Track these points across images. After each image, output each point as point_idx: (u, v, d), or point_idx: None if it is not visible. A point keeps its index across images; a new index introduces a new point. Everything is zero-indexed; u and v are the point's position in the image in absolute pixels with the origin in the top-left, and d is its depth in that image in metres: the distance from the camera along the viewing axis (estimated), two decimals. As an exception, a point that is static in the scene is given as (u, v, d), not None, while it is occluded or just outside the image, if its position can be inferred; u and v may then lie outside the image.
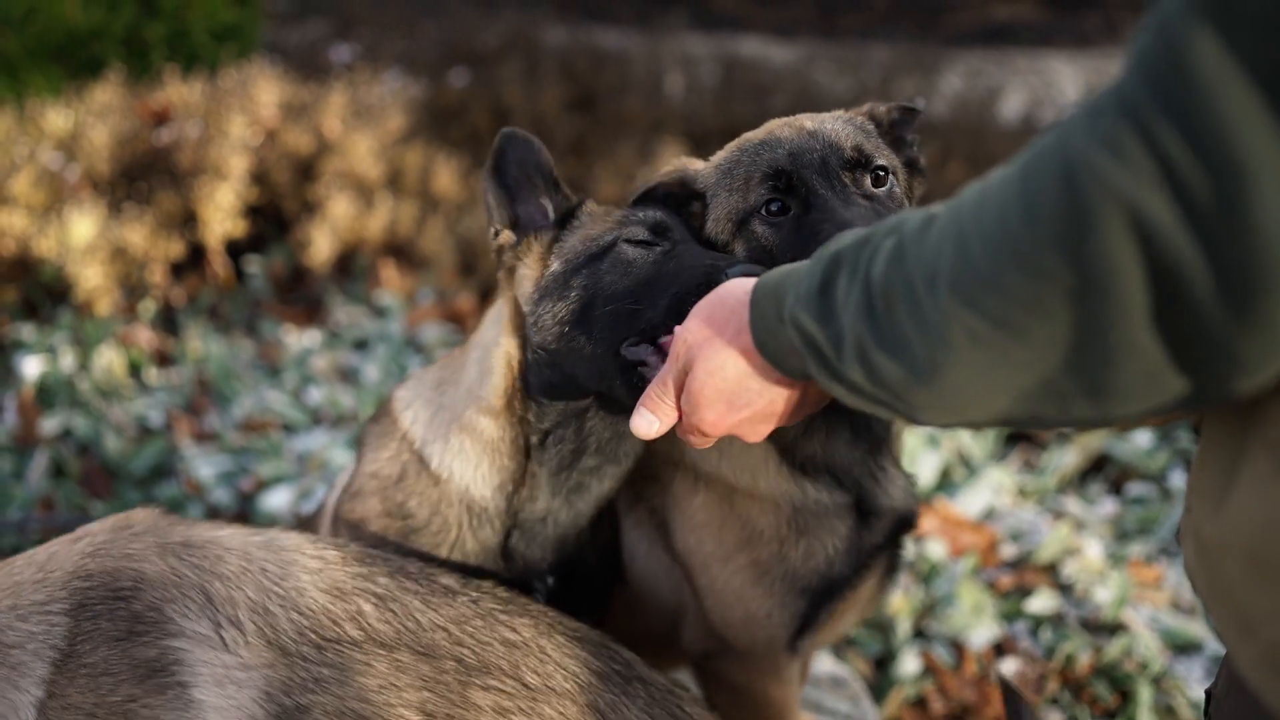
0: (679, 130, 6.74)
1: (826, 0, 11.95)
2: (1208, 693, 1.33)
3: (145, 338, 4.65)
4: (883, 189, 1.74)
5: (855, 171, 1.73)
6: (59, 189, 5.01)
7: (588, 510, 1.93)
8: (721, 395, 1.45)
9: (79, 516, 3.48)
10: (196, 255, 5.26)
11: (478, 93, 7.14)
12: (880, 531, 1.91)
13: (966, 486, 3.64)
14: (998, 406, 1.06)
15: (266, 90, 5.62)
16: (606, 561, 2.04)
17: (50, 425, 3.95)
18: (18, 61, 6.13)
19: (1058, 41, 10.68)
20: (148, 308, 4.86)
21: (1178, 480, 3.82)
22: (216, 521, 1.89)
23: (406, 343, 4.71)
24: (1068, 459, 3.86)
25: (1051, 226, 0.92)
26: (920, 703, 2.96)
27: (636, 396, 1.63)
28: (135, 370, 4.48)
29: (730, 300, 1.44)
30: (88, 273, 4.65)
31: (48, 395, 4.18)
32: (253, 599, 1.68)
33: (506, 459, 1.88)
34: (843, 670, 2.87)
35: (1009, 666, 3.03)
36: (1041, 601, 3.21)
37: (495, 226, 1.92)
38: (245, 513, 3.62)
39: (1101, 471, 3.96)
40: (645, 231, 1.79)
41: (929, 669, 3.01)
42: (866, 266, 1.13)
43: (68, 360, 4.35)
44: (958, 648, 3.08)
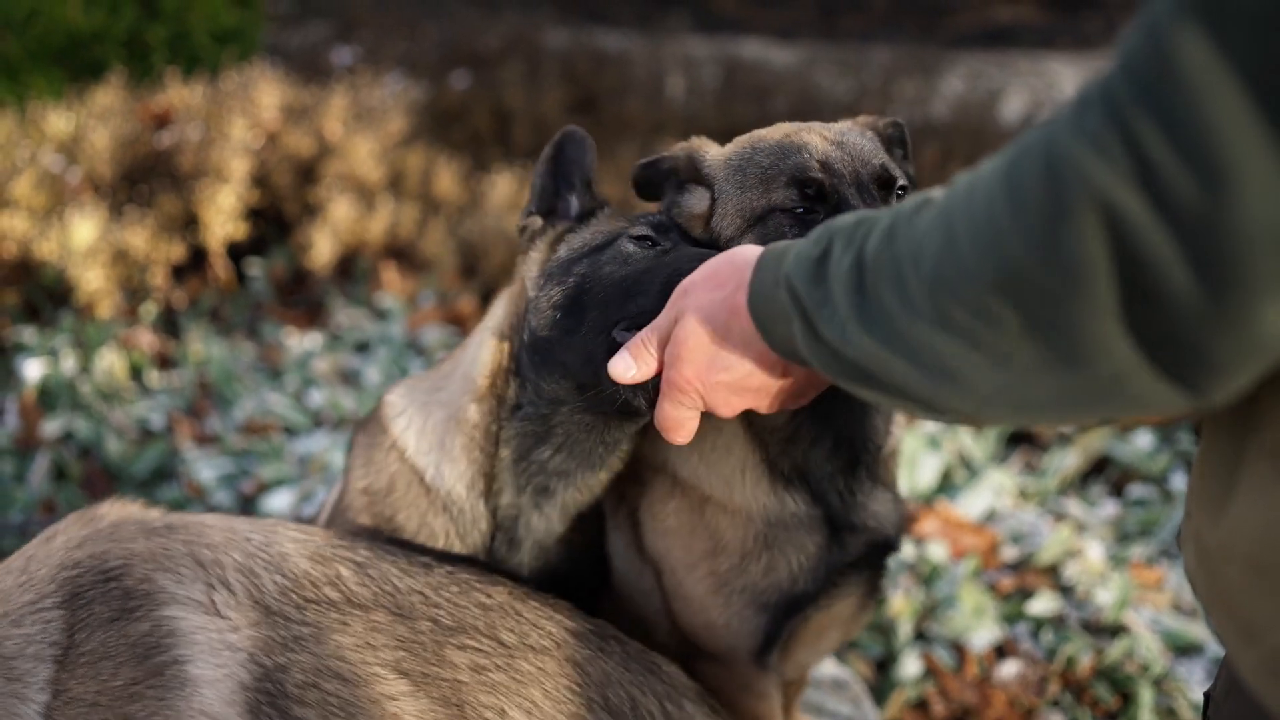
0: (680, 132, 6.73)
1: (827, 2, 11.96)
2: (1207, 695, 1.32)
3: (146, 340, 4.66)
4: None
5: (884, 190, 1.73)
6: (60, 192, 5.01)
7: (558, 517, 1.92)
8: (703, 350, 1.44)
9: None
10: (198, 258, 5.27)
11: (479, 95, 7.15)
12: (853, 550, 1.89)
13: (967, 488, 3.64)
14: (971, 398, 1.06)
15: (268, 93, 5.62)
16: (593, 567, 2.04)
17: (51, 428, 3.95)
18: (19, 64, 6.14)
19: (1059, 43, 10.69)
20: (149, 310, 4.86)
21: (1179, 482, 3.82)
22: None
23: (408, 345, 4.72)
24: (1069, 461, 3.86)
25: (1032, 218, 0.92)
26: (921, 705, 2.96)
27: (620, 398, 1.63)
28: (136, 373, 4.48)
29: (738, 259, 1.43)
30: (89, 275, 4.65)
31: (49, 398, 4.19)
32: (239, 562, 1.69)
33: (477, 450, 1.89)
34: (844, 672, 2.87)
35: (1010, 668, 3.03)
36: (1043, 603, 3.21)
37: (530, 207, 1.97)
38: (247, 515, 3.62)
39: (1103, 473, 3.96)
40: (649, 229, 1.81)
41: (930, 671, 3.01)
42: (861, 241, 1.14)
43: (69, 363, 4.35)
44: (959, 650, 3.08)
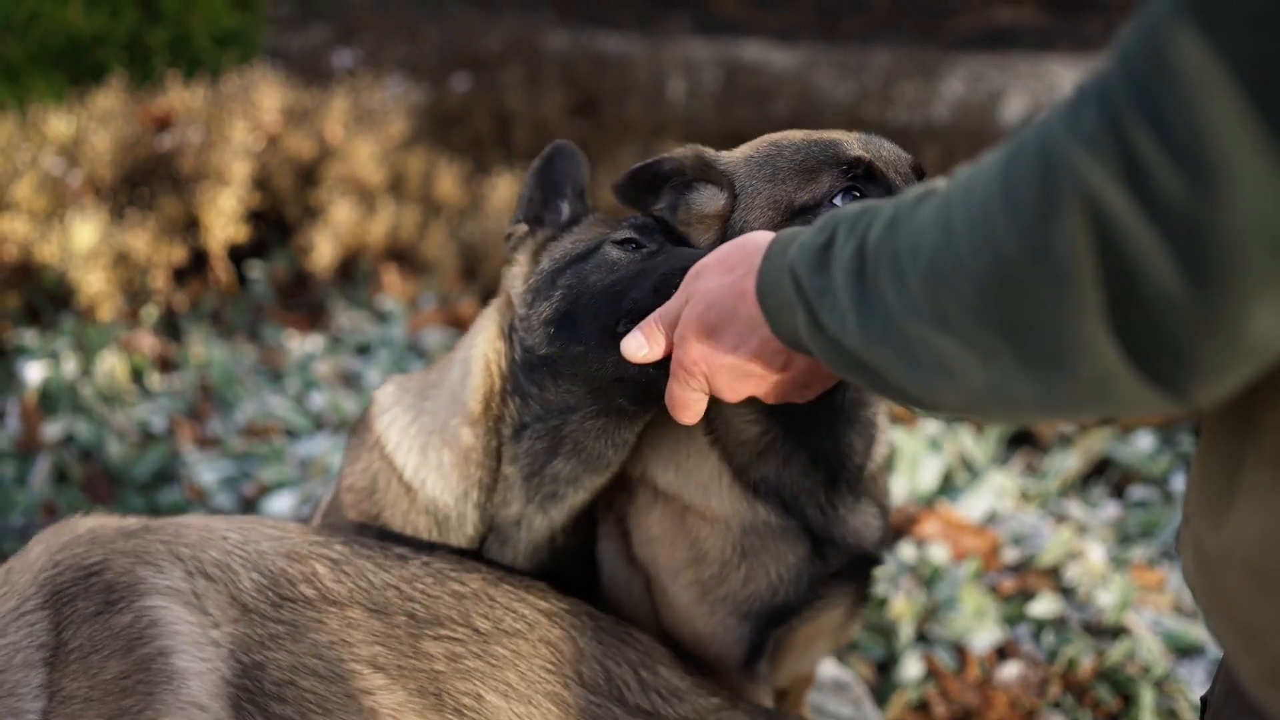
0: (680, 135, 6.75)
1: (827, 4, 11.97)
2: (1203, 699, 1.32)
3: (147, 343, 4.66)
4: None
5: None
6: (61, 194, 5.02)
7: (562, 518, 1.92)
8: (709, 330, 1.45)
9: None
10: (199, 260, 5.27)
11: (479, 98, 7.16)
12: (836, 563, 1.89)
13: (968, 490, 3.64)
14: (963, 394, 1.06)
15: (268, 95, 5.63)
16: (581, 569, 2.04)
17: (52, 431, 3.95)
18: (20, 67, 6.14)
19: (1059, 45, 10.69)
20: (150, 313, 4.87)
21: (1180, 484, 3.82)
22: None
23: (409, 348, 4.72)
24: (1070, 462, 3.86)
25: (1026, 214, 0.91)
26: (922, 706, 2.96)
27: (646, 379, 1.65)
28: (137, 376, 4.48)
29: (750, 245, 1.43)
30: (90, 278, 4.66)
31: (50, 401, 4.19)
32: (217, 559, 1.71)
33: (475, 467, 1.88)
34: (845, 674, 2.87)
35: (1011, 670, 3.03)
36: (1044, 605, 3.21)
37: (517, 215, 1.96)
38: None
39: (1103, 475, 3.96)
40: (632, 232, 1.79)
41: (931, 672, 3.01)
42: (864, 230, 1.13)
43: (70, 366, 4.35)
44: (960, 651, 3.08)
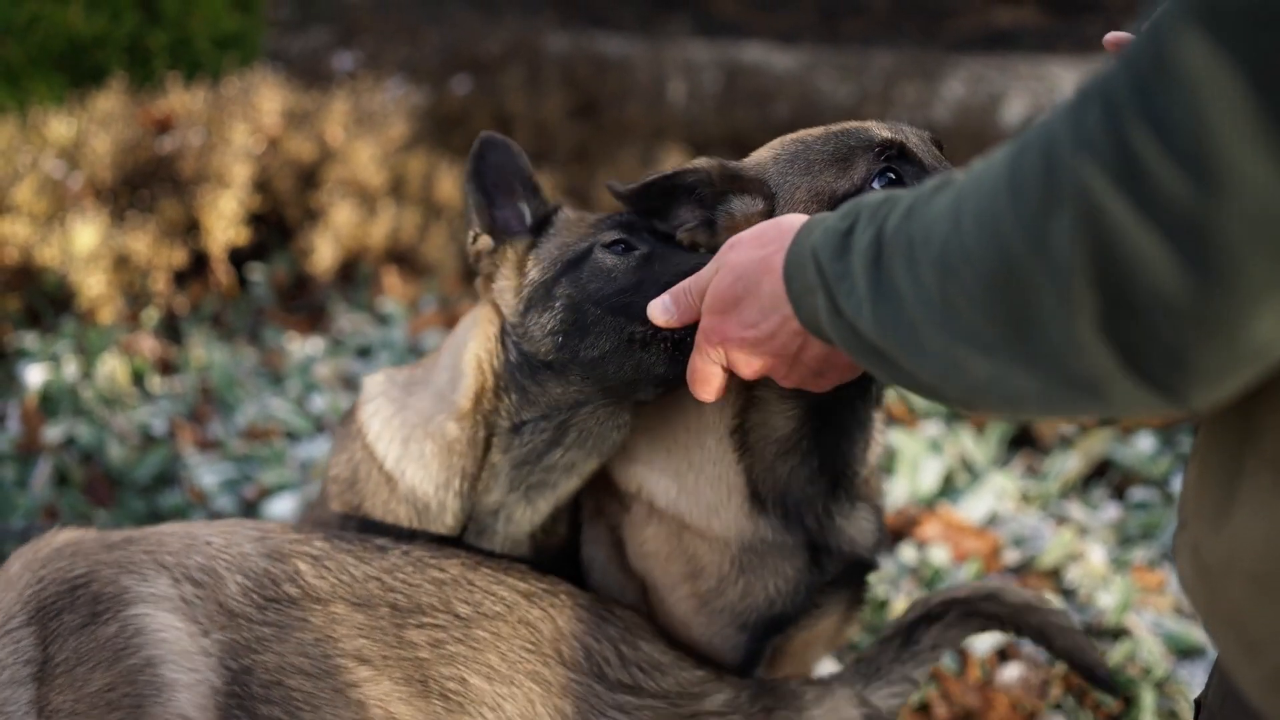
0: (681, 137, 6.75)
1: (828, 6, 11.97)
2: (1197, 702, 1.32)
3: (148, 346, 4.66)
4: None
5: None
6: (62, 197, 5.02)
7: (546, 509, 1.91)
8: (734, 301, 1.46)
9: (82, 526, 3.48)
10: (199, 263, 5.27)
11: (480, 100, 7.15)
12: (832, 571, 1.89)
13: (969, 492, 3.64)
14: (967, 388, 1.06)
15: (269, 98, 5.63)
16: (560, 568, 2.03)
17: (53, 433, 3.96)
18: (20, 69, 6.14)
19: (1060, 47, 10.68)
20: (151, 316, 4.87)
21: (1180, 485, 3.81)
22: None
23: (409, 350, 4.72)
24: (1070, 464, 3.85)
25: (1029, 210, 0.91)
26: (924, 708, 2.96)
27: (674, 359, 1.67)
28: (138, 378, 4.48)
29: (784, 225, 1.44)
30: (90, 281, 4.66)
31: (51, 403, 4.19)
32: (202, 564, 1.71)
33: (458, 457, 1.88)
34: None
35: (1012, 672, 3.02)
36: (1045, 607, 3.20)
37: (474, 231, 1.91)
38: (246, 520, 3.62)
39: (1104, 476, 3.96)
40: (619, 232, 1.79)
41: (932, 674, 3.00)
42: (884, 218, 1.14)
43: (71, 368, 4.35)
44: (961, 653, 3.08)
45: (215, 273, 5.20)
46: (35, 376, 4.26)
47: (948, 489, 3.73)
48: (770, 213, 1.70)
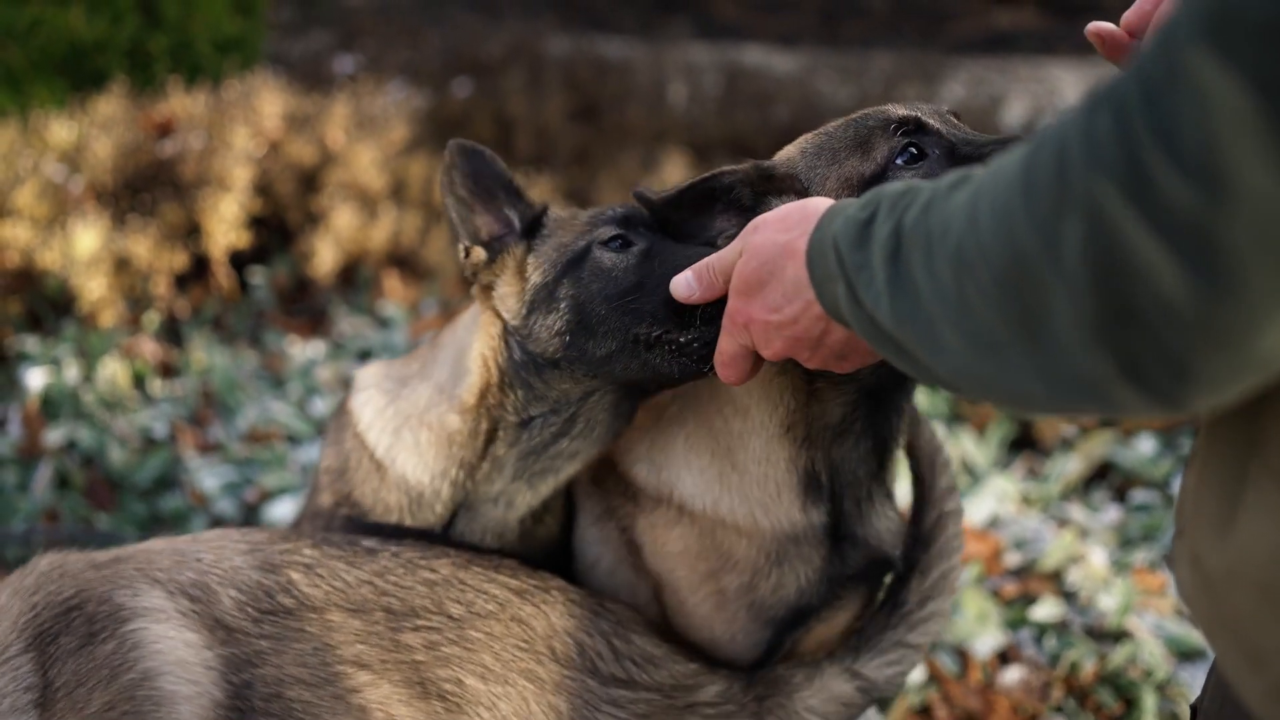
0: (682, 140, 6.74)
1: (828, 8, 11.98)
2: (1193, 708, 1.31)
3: (149, 349, 4.66)
4: None
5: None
6: (63, 201, 5.02)
7: (547, 492, 1.93)
8: (758, 285, 1.47)
9: (83, 529, 3.48)
10: (200, 266, 5.27)
11: (481, 103, 7.15)
12: (853, 564, 1.89)
13: (970, 494, 3.64)
14: (978, 382, 1.06)
15: (270, 101, 5.63)
16: (552, 561, 2.04)
17: (54, 437, 3.96)
18: (21, 73, 6.15)
19: (1060, 49, 10.68)
20: (152, 319, 4.87)
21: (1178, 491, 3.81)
22: None
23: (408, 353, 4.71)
24: (1071, 466, 3.85)
25: (1040, 212, 0.91)
26: (925, 711, 2.95)
27: (678, 361, 1.68)
28: (139, 382, 4.49)
29: (809, 208, 1.44)
30: (91, 284, 4.66)
31: (52, 407, 4.19)
32: (194, 579, 1.71)
33: (458, 448, 1.89)
34: (847, 679, 2.87)
35: (1013, 674, 3.02)
36: (1046, 609, 3.20)
37: (463, 244, 1.88)
38: (250, 524, 3.63)
39: (1105, 479, 3.96)
40: (615, 228, 1.79)
41: (933, 677, 3.00)
42: (903, 210, 1.14)
43: (72, 372, 4.36)
44: (962, 656, 3.08)
45: (216, 276, 5.20)
46: (36, 380, 4.27)
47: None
48: None
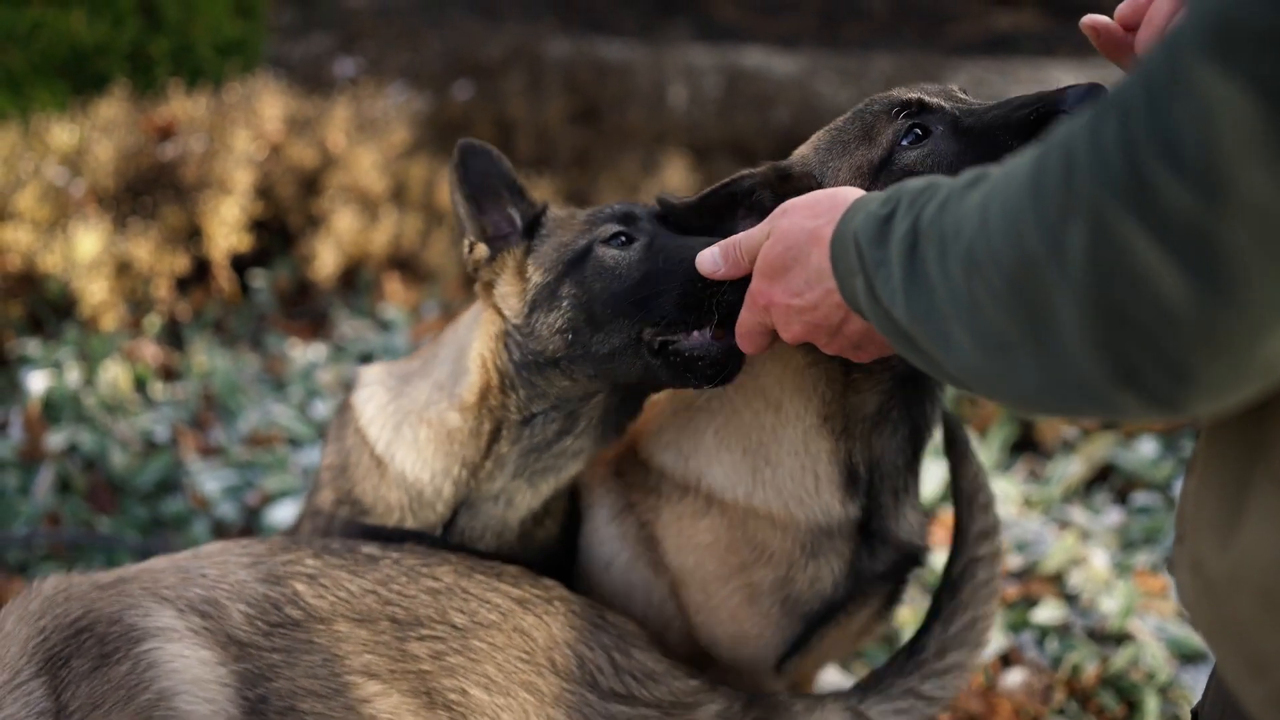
0: (682, 142, 6.74)
1: (829, 10, 11.98)
2: (1194, 713, 1.32)
3: (150, 352, 4.66)
4: None
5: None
6: (64, 204, 5.02)
7: (548, 492, 1.94)
8: (782, 268, 1.48)
9: (85, 532, 3.49)
10: (201, 270, 5.27)
11: (481, 105, 7.16)
12: (883, 561, 1.90)
13: (971, 497, 3.63)
14: (985, 380, 1.07)
15: (271, 104, 5.63)
16: (552, 563, 2.04)
17: (56, 440, 3.96)
18: (23, 77, 6.15)
19: (1060, 51, 10.68)
20: (153, 322, 4.87)
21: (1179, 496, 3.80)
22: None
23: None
24: (1073, 469, 3.85)
25: (1048, 213, 0.92)
26: (927, 714, 2.95)
27: (680, 370, 1.70)
28: (141, 385, 4.49)
29: (839, 198, 1.45)
30: (93, 288, 4.66)
31: (53, 410, 4.19)
32: (202, 595, 1.71)
33: (459, 445, 1.90)
34: (849, 681, 2.86)
35: (1015, 677, 3.02)
36: (1047, 612, 3.20)
37: (468, 240, 1.93)
38: (251, 527, 3.63)
39: (1107, 481, 3.96)
40: (616, 225, 1.81)
41: (935, 680, 3.00)
42: (921, 208, 1.15)
43: (73, 375, 4.36)
44: (964, 659, 3.08)
45: (217, 279, 5.20)
46: (38, 383, 4.27)
47: (950, 494, 3.72)
48: None
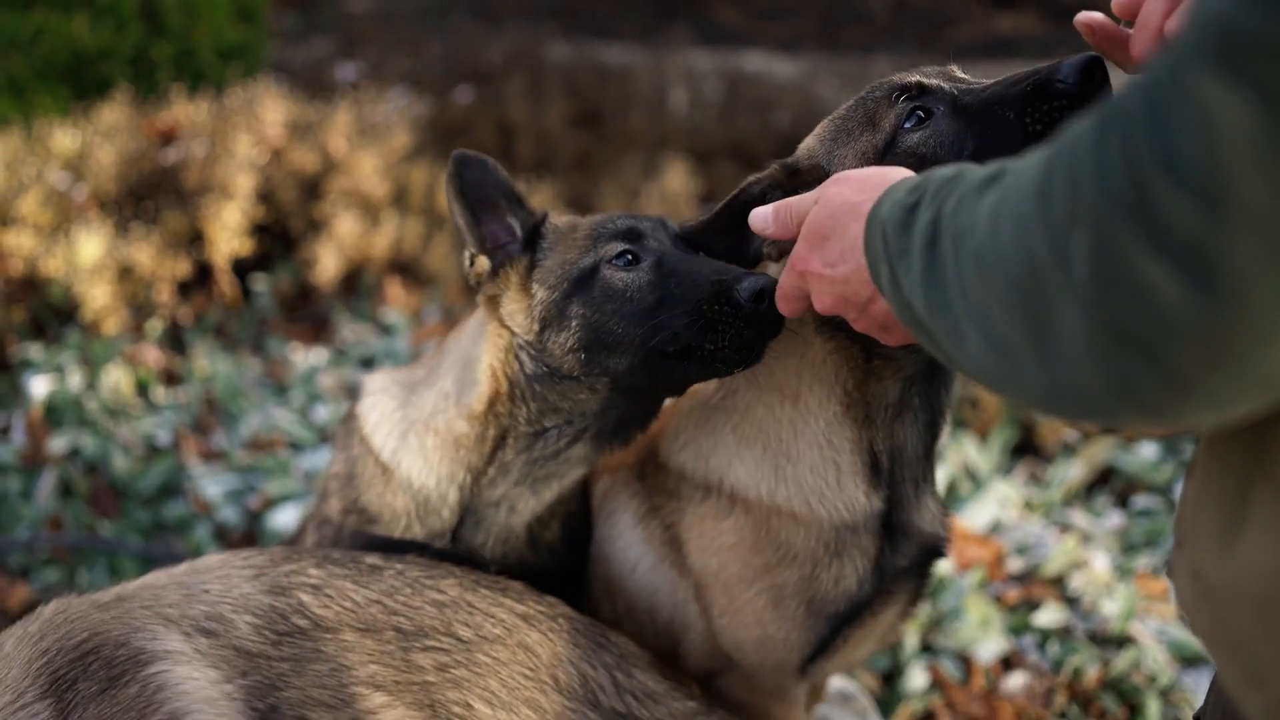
0: (683, 145, 6.75)
1: (829, 14, 11.99)
2: (1196, 716, 1.31)
3: (152, 356, 4.67)
4: None
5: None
6: (66, 209, 5.03)
7: (550, 497, 1.94)
8: (822, 237, 1.49)
9: (87, 536, 3.49)
10: (203, 274, 5.28)
11: (482, 110, 7.17)
12: (906, 555, 1.89)
13: (973, 500, 3.64)
14: (993, 376, 1.07)
15: (272, 109, 5.64)
16: (562, 568, 2.04)
17: (58, 444, 3.96)
18: (25, 82, 6.16)
19: (1060, 54, 10.68)
20: (155, 327, 4.88)
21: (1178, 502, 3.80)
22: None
23: (412, 360, 4.72)
24: (1074, 472, 3.85)
25: (1054, 219, 0.92)
26: (928, 717, 2.95)
27: (710, 367, 1.71)
28: (143, 389, 4.49)
29: (888, 176, 1.46)
30: (95, 292, 4.67)
31: (56, 414, 4.20)
32: (207, 611, 1.71)
33: (465, 451, 1.90)
34: (850, 685, 2.87)
35: (1017, 680, 3.02)
36: (1049, 615, 3.20)
37: (469, 252, 1.91)
38: (253, 531, 3.63)
39: (1107, 484, 3.96)
40: (622, 244, 1.80)
41: (936, 683, 3.01)
42: (943, 200, 1.15)
43: (75, 379, 4.36)
44: (965, 662, 3.08)
45: (219, 283, 5.20)
46: (40, 387, 4.27)
47: (951, 497, 3.73)
48: None
